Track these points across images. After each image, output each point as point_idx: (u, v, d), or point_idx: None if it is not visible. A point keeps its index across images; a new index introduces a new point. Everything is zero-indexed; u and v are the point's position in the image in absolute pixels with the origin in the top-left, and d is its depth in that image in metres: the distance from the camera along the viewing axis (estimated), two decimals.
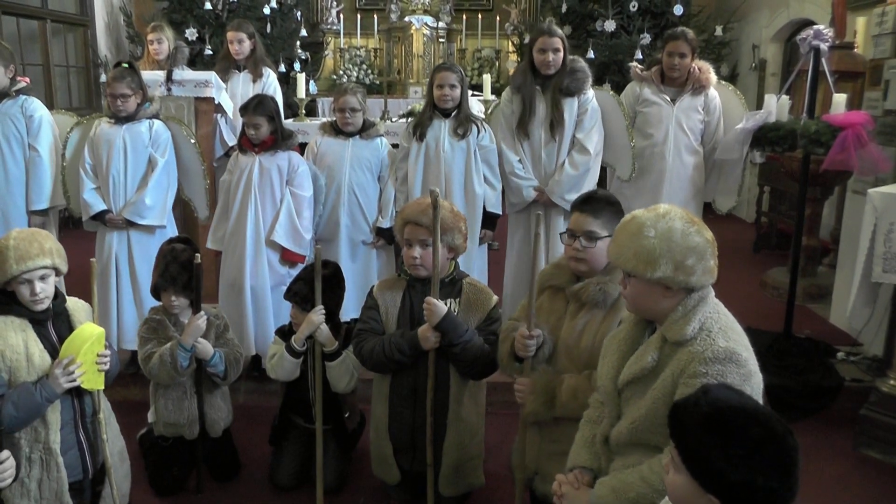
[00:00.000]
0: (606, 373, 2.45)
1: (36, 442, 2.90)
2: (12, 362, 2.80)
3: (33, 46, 8.80)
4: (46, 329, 2.94)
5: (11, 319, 2.85)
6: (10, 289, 2.85)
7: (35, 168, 4.76)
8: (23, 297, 2.84)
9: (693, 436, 1.68)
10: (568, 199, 4.50)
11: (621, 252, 2.30)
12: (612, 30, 8.74)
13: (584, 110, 4.58)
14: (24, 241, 2.83)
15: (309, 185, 4.46)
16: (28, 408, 2.78)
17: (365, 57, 10.90)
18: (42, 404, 2.82)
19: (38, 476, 2.91)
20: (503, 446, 3.82)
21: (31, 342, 2.86)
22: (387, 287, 3.43)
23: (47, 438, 2.90)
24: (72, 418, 3.01)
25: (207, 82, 4.93)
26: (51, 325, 2.96)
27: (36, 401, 2.79)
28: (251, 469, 3.91)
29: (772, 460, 1.61)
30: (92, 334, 2.96)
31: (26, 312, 2.87)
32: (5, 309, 2.85)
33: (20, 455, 2.85)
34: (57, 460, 2.93)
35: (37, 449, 2.91)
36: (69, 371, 2.86)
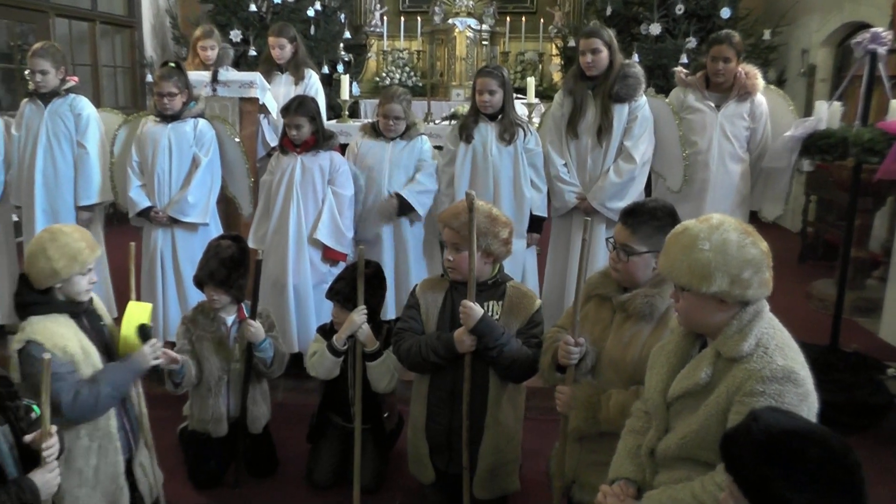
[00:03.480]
0: (654, 385, 2.39)
1: (96, 431, 3.00)
2: (73, 356, 2.89)
3: (82, 47, 8.97)
4: (82, 322, 3.04)
5: (56, 317, 2.92)
6: (57, 285, 2.92)
7: (83, 165, 4.89)
8: (79, 288, 2.95)
9: (750, 467, 1.62)
10: (609, 207, 4.48)
11: (674, 266, 2.24)
12: (658, 33, 8.65)
13: (634, 117, 4.50)
14: (85, 233, 3.01)
15: (350, 185, 4.49)
16: (123, 384, 3.01)
17: (408, 59, 10.91)
18: (132, 380, 3.07)
19: (94, 463, 3.01)
20: (540, 452, 3.78)
21: (80, 336, 2.97)
22: (429, 287, 3.42)
23: (107, 425, 3.02)
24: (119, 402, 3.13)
25: (252, 83, 4.97)
26: (83, 318, 3.06)
27: (128, 377, 3.03)
28: (288, 466, 3.93)
29: (837, 480, 1.56)
30: (145, 311, 3.19)
31: (66, 308, 2.95)
32: (47, 308, 2.91)
33: (79, 445, 2.95)
34: (115, 444, 3.05)
35: (96, 437, 3.00)
36: (156, 350, 3.14)
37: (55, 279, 2.88)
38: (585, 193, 4.61)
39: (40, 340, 2.80)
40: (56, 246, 2.86)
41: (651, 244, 2.77)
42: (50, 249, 2.84)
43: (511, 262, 3.49)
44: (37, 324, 2.86)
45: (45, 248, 2.85)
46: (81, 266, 2.90)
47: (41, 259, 2.85)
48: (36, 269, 2.87)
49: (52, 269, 2.84)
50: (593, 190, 4.58)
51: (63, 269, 2.86)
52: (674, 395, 2.31)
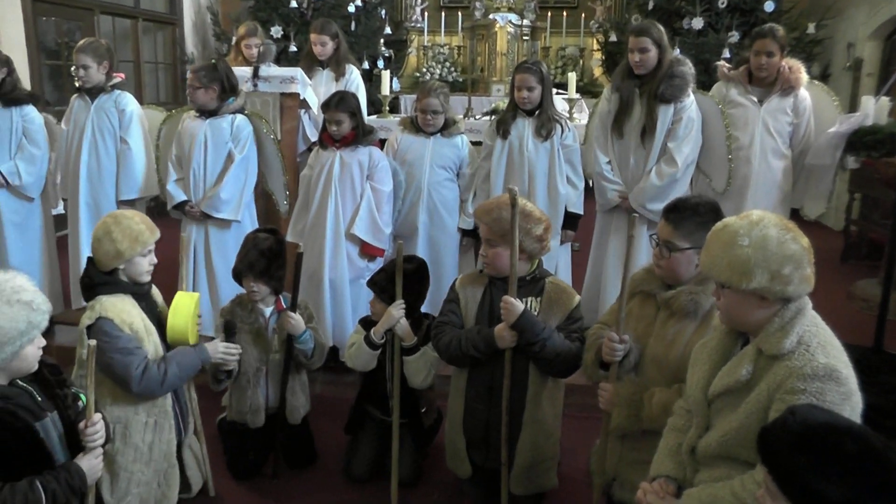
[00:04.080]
0: (696, 382, 2.38)
1: (153, 407, 3.16)
2: (138, 333, 3.05)
3: (125, 44, 9.11)
4: (143, 304, 3.19)
5: (122, 296, 3.09)
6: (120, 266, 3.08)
7: (125, 160, 4.99)
8: (141, 269, 3.13)
9: (785, 459, 1.61)
10: (649, 209, 4.44)
11: (714, 263, 2.22)
12: (700, 28, 8.51)
13: (679, 118, 4.42)
14: (145, 217, 3.18)
15: (389, 181, 4.50)
16: (189, 368, 3.18)
17: (448, 54, 10.90)
18: (198, 367, 3.22)
19: (149, 440, 3.16)
20: (579, 449, 3.78)
21: (143, 315, 3.13)
22: (468, 282, 3.43)
23: (163, 402, 3.19)
24: None
25: (293, 78, 4.99)
26: (144, 300, 3.22)
27: (196, 363, 3.19)
28: (326, 459, 3.96)
29: (874, 477, 1.53)
30: (193, 301, 3.28)
31: (130, 288, 3.12)
32: (115, 288, 3.09)
33: (137, 421, 3.12)
34: (170, 422, 3.21)
35: (153, 413, 3.16)
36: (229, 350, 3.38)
37: (119, 260, 3.04)
38: (628, 192, 4.58)
39: (110, 316, 2.99)
40: (120, 229, 3.03)
41: (693, 240, 2.74)
42: (114, 232, 3.02)
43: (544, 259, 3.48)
44: (106, 301, 3.04)
45: (109, 231, 3.03)
46: (143, 247, 3.08)
47: (106, 242, 3.03)
48: (102, 251, 3.04)
49: (116, 250, 3.02)
50: (634, 191, 4.54)
51: (126, 251, 3.03)
52: (715, 392, 2.29)
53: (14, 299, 2.22)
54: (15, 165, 4.89)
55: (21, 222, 5.07)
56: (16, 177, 4.89)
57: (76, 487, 2.35)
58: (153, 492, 3.23)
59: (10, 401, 2.27)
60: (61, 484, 2.30)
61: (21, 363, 2.30)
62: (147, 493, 3.21)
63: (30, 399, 2.35)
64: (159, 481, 3.24)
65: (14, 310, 2.22)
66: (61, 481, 2.30)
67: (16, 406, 2.28)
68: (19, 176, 4.89)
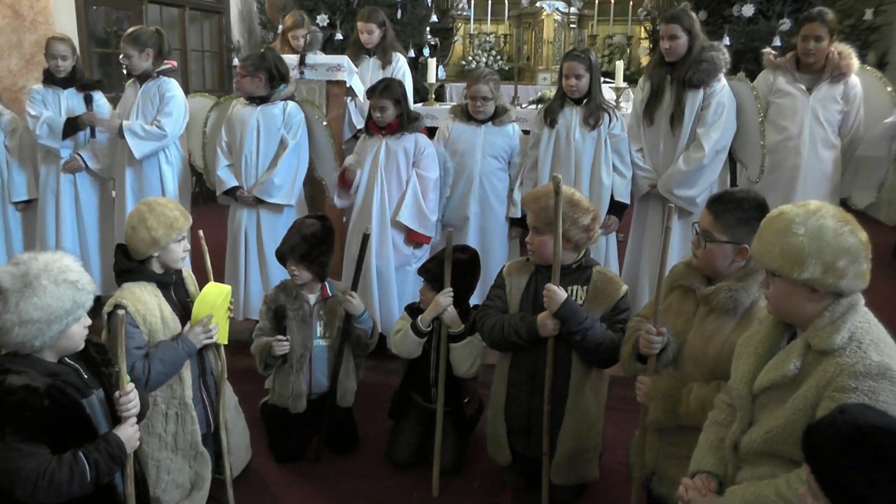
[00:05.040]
0: (741, 376, 2.32)
1: (172, 398, 3.17)
2: (151, 325, 3.05)
3: (172, 33, 9.21)
4: (170, 293, 3.20)
5: (144, 285, 3.09)
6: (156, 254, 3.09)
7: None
8: (176, 255, 3.14)
9: (831, 460, 1.56)
10: (677, 195, 4.40)
11: (766, 249, 2.16)
12: (750, 15, 8.31)
13: (708, 104, 4.34)
14: (178, 204, 3.20)
15: (435, 168, 4.49)
16: (173, 363, 3.06)
17: (494, 43, 10.83)
18: (183, 358, 3.11)
19: (173, 430, 3.18)
20: (621, 441, 3.75)
21: (163, 306, 3.12)
22: (515, 269, 3.43)
23: (183, 394, 3.18)
24: (198, 376, 3.27)
25: (340, 66, 5.01)
26: (172, 289, 3.22)
27: (179, 355, 3.08)
28: (368, 445, 3.98)
29: None
30: (221, 292, 3.23)
31: (155, 277, 3.12)
32: (138, 276, 3.09)
33: (157, 411, 3.12)
34: (191, 413, 3.20)
35: (173, 405, 3.17)
36: (208, 329, 3.14)
37: (156, 247, 3.06)
38: (657, 180, 4.52)
39: (126, 304, 2.99)
40: (154, 216, 3.04)
41: (732, 234, 2.69)
42: (149, 220, 3.03)
43: (593, 249, 3.45)
44: (126, 289, 3.06)
45: (144, 219, 3.03)
46: (178, 233, 3.09)
47: (142, 230, 3.03)
48: (137, 239, 3.05)
49: (152, 237, 3.03)
50: (663, 177, 4.49)
51: (163, 237, 3.04)
52: (760, 386, 2.24)
53: (61, 279, 2.28)
54: (91, 148, 5.13)
55: (90, 204, 5.33)
56: (93, 161, 5.16)
57: (116, 456, 2.41)
58: (186, 473, 3.28)
59: (58, 378, 2.34)
60: (102, 454, 2.36)
61: (68, 341, 2.37)
62: (181, 478, 3.26)
63: (77, 376, 2.43)
64: (190, 463, 3.28)
65: (60, 289, 2.27)
66: (101, 451, 2.37)
67: (64, 383, 2.34)
68: (97, 159, 5.16)
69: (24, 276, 2.24)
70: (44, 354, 2.35)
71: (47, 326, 2.26)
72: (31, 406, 2.22)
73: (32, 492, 2.23)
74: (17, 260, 2.30)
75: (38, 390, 2.24)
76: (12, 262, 2.31)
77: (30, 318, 2.23)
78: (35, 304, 2.23)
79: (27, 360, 2.31)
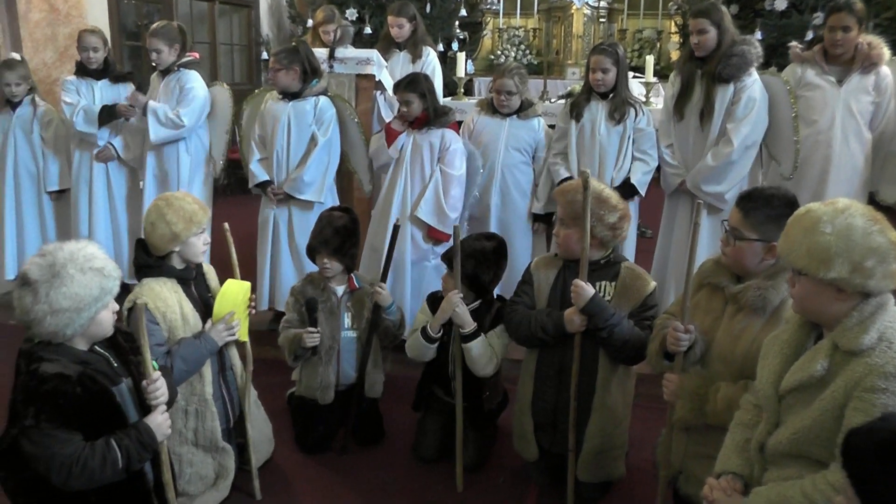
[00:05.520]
0: (767, 377, 2.30)
1: (192, 395, 3.18)
2: (171, 322, 3.05)
3: (202, 26, 9.29)
4: (191, 289, 3.20)
5: (164, 281, 3.09)
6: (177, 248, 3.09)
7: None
8: (197, 249, 3.13)
9: (869, 466, 1.55)
10: (705, 191, 4.35)
11: (792, 248, 2.14)
12: (783, 8, 8.17)
13: (738, 99, 4.28)
14: (195, 197, 3.18)
15: (461, 164, 4.46)
16: (195, 360, 3.06)
17: (523, 37, 10.81)
18: (205, 357, 3.11)
19: (193, 426, 3.21)
20: (647, 439, 3.72)
21: (183, 302, 3.12)
22: (543, 264, 3.42)
23: (202, 390, 3.19)
24: (217, 372, 3.28)
25: (369, 60, 5.01)
26: (192, 285, 3.22)
27: (201, 353, 3.08)
28: (393, 437, 3.99)
29: None
30: (241, 289, 3.22)
31: (175, 272, 3.12)
32: (157, 272, 3.10)
33: (177, 408, 3.11)
34: (211, 409, 3.22)
35: (192, 401, 3.19)
36: (230, 326, 3.14)
37: (176, 242, 3.05)
38: (686, 176, 4.48)
39: (145, 301, 2.96)
40: (173, 210, 3.03)
41: (761, 232, 2.66)
42: (168, 215, 3.01)
43: None
44: (145, 286, 3.07)
45: (163, 215, 3.02)
46: (197, 227, 3.08)
47: (161, 225, 3.02)
48: (157, 235, 3.04)
49: (172, 232, 3.02)
50: (691, 173, 4.44)
51: (183, 232, 3.03)
52: (787, 387, 2.21)
53: (87, 267, 2.31)
54: (123, 139, 5.25)
55: (120, 195, 5.44)
56: (125, 150, 5.27)
57: (146, 444, 2.45)
58: (210, 465, 3.31)
59: (89, 366, 2.38)
60: (133, 441, 2.40)
61: (98, 327, 2.41)
62: (204, 469, 3.29)
63: (107, 365, 2.47)
64: (213, 455, 3.31)
65: (87, 277, 2.30)
66: (133, 439, 2.41)
67: (95, 371, 2.38)
68: (129, 149, 5.27)
69: (51, 266, 2.27)
70: (75, 342, 2.38)
71: (77, 314, 2.29)
72: (63, 393, 2.27)
73: (67, 477, 2.28)
74: (44, 251, 2.34)
75: (71, 378, 2.29)
76: (38, 253, 2.34)
77: (60, 307, 2.26)
78: (64, 294, 2.26)
79: (59, 349, 2.35)
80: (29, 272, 2.28)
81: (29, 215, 5.48)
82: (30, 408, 2.27)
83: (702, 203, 2.91)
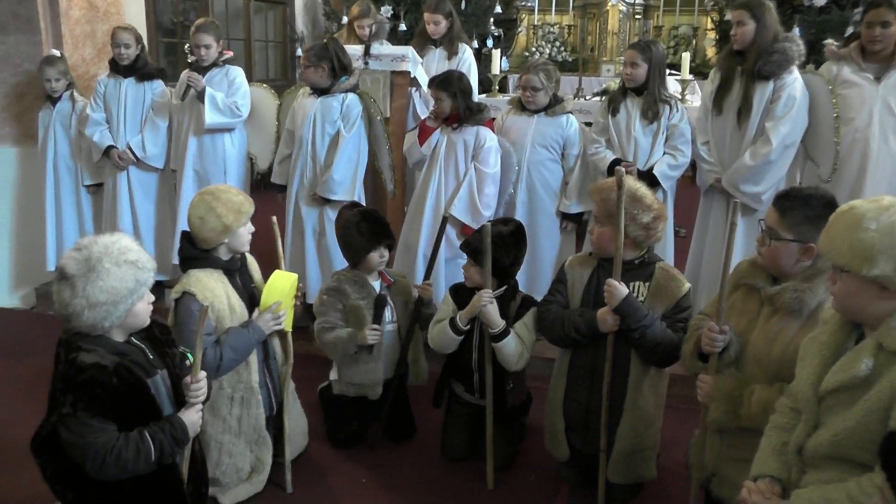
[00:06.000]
0: (806, 378, 2.25)
1: (238, 382, 3.23)
2: (219, 312, 3.11)
3: (237, 23, 9.33)
4: (236, 279, 3.26)
5: (210, 272, 3.15)
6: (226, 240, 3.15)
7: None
8: (244, 239, 3.20)
9: None
10: (743, 191, 4.26)
11: (834, 244, 2.09)
12: (823, 4, 7.92)
13: (778, 97, 4.17)
14: (238, 189, 3.24)
15: (495, 162, 4.46)
16: (244, 349, 3.13)
17: (558, 34, 10.75)
18: (253, 345, 3.18)
19: (238, 413, 3.26)
20: (679, 441, 3.69)
21: (230, 292, 3.19)
22: (578, 263, 3.40)
23: (249, 378, 3.25)
24: (262, 359, 3.34)
25: (404, 57, 5.01)
26: (237, 275, 3.27)
27: (250, 342, 3.15)
28: (425, 433, 4.01)
29: None
30: (289, 280, 3.27)
31: (221, 263, 3.18)
32: (204, 263, 3.15)
33: (223, 395, 3.20)
34: (256, 397, 3.28)
35: (238, 389, 3.24)
36: (277, 315, 3.20)
37: (227, 234, 3.12)
38: (722, 173, 4.40)
39: (194, 292, 3.06)
40: (221, 203, 3.09)
41: (798, 233, 2.61)
42: (217, 207, 3.07)
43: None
44: (193, 276, 3.12)
45: (213, 208, 3.07)
46: (246, 217, 3.15)
47: (211, 218, 3.07)
48: (207, 228, 3.09)
49: (224, 225, 3.08)
50: (728, 172, 4.35)
51: (234, 223, 3.10)
52: (827, 388, 2.16)
53: (122, 260, 2.35)
54: (141, 138, 5.28)
55: (146, 191, 5.48)
56: (140, 149, 5.27)
57: (179, 439, 2.49)
58: (247, 458, 3.36)
59: (126, 357, 2.43)
60: (166, 435, 2.45)
61: (134, 319, 2.45)
62: (241, 462, 3.34)
63: (143, 356, 2.51)
64: (251, 447, 3.36)
65: (122, 270, 2.34)
66: (166, 433, 2.45)
67: (131, 362, 2.43)
68: (144, 148, 5.28)
69: (86, 260, 2.31)
70: (113, 334, 2.43)
71: (114, 307, 2.34)
72: (100, 383, 2.31)
73: (101, 466, 2.33)
74: (79, 245, 2.38)
75: (107, 368, 2.34)
76: (75, 247, 2.39)
77: (97, 300, 2.30)
78: (100, 287, 2.30)
79: (97, 339, 2.39)
80: (66, 267, 2.32)
81: (67, 208, 5.59)
82: (68, 396, 2.31)
83: (738, 202, 2.87)
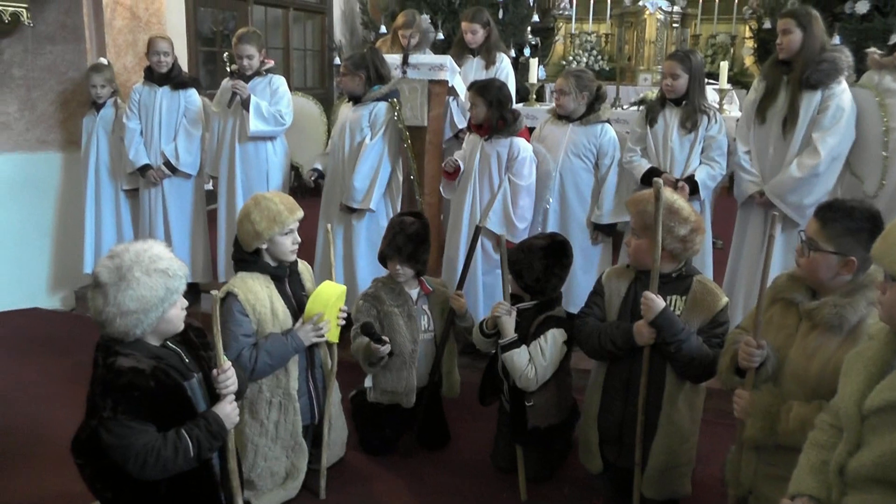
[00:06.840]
0: (849, 395, 2.16)
1: (277, 388, 3.27)
2: (261, 315, 3.16)
3: (276, 32, 9.46)
4: (284, 286, 3.30)
5: (257, 276, 3.21)
6: (262, 246, 3.20)
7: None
8: (285, 248, 3.22)
9: None
10: (788, 203, 4.16)
11: (889, 250, 2.02)
12: (865, 12, 7.73)
13: (825, 107, 4.06)
14: (286, 198, 3.25)
15: (529, 173, 4.45)
16: (280, 356, 3.17)
17: (595, 42, 10.69)
18: (290, 353, 3.21)
19: (275, 418, 3.29)
20: (715, 456, 3.63)
21: (274, 298, 3.23)
22: (615, 275, 3.38)
23: (287, 385, 3.27)
24: (305, 368, 3.36)
25: (442, 66, 5.00)
26: (287, 282, 3.31)
27: (287, 350, 3.18)
28: (458, 441, 4.01)
29: None
30: (335, 292, 3.29)
31: (269, 269, 3.23)
32: (252, 267, 3.22)
33: (261, 398, 3.25)
34: (294, 405, 3.30)
35: (277, 394, 3.27)
36: (318, 327, 3.22)
37: (259, 240, 3.17)
38: (764, 185, 4.30)
39: (237, 292, 3.13)
40: (258, 210, 3.15)
41: (838, 245, 2.54)
42: (253, 213, 3.15)
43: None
44: (238, 278, 3.21)
45: (249, 213, 3.16)
46: (281, 227, 3.17)
47: (246, 223, 3.16)
48: (243, 231, 3.19)
49: (255, 230, 3.14)
50: (772, 182, 4.24)
51: (265, 231, 3.14)
52: (872, 407, 2.07)
53: (152, 269, 2.39)
54: (175, 146, 5.38)
55: (179, 197, 5.58)
56: (174, 157, 5.39)
57: (216, 433, 2.52)
58: (283, 463, 3.38)
59: (162, 361, 2.47)
60: (202, 430, 2.48)
61: (167, 325, 2.49)
62: (276, 466, 3.36)
63: (179, 360, 2.56)
64: (287, 454, 3.38)
65: (153, 279, 2.38)
66: (202, 428, 2.48)
67: (167, 366, 2.47)
68: (177, 156, 5.38)
69: (118, 269, 2.36)
70: (147, 339, 2.47)
71: (144, 315, 2.38)
72: (138, 386, 2.35)
73: (143, 467, 2.37)
74: (112, 253, 2.43)
75: (144, 372, 2.38)
76: (108, 255, 2.43)
77: (128, 309, 2.34)
78: (131, 296, 2.34)
79: (133, 344, 2.44)
80: (99, 275, 2.37)
81: (107, 212, 5.73)
82: (107, 400, 2.35)
83: (777, 215, 2.82)
